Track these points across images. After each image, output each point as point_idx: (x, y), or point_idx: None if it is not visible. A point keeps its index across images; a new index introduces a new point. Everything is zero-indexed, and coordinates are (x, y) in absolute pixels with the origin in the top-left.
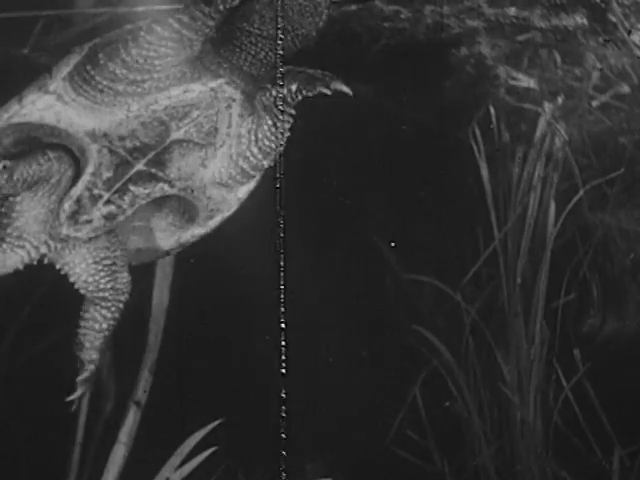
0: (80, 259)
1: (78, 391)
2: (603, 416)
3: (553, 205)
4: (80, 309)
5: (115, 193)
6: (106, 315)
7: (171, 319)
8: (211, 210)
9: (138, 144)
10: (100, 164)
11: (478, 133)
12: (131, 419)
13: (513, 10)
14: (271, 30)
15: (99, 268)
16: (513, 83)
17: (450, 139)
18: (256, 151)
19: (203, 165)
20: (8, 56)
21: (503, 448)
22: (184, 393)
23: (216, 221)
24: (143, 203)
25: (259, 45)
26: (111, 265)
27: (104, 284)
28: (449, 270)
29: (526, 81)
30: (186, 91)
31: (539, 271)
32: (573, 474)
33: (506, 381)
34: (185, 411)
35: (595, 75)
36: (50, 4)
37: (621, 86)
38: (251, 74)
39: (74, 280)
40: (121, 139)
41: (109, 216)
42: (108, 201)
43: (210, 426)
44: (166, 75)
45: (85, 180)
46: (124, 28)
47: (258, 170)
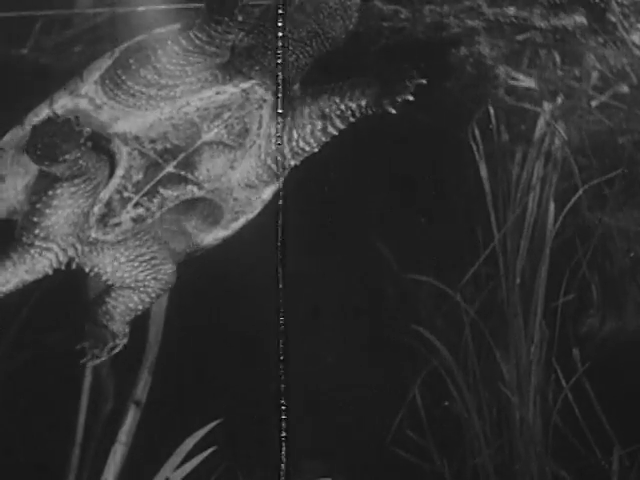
0: (110, 259)
1: (102, 358)
2: (602, 416)
3: (552, 205)
4: (79, 309)
5: (144, 196)
6: (144, 299)
7: (170, 319)
8: (236, 212)
9: (169, 146)
10: (130, 167)
11: (477, 133)
12: (131, 419)
13: (512, 10)
14: (302, 33)
15: (135, 265)
16: (512, 83)
17: (449, 139)
18: (287, 151)
19: (232, 167)
20: (8, 56)
21: (502, 448)
22: (183, 393)
23: (240, 223)
24: (171, 206)
25: (289, 48)
26: (150, 260)
27: (143, 277)
28: (448, 270)
29: (525, 81)
30: (218, 93)
31: (538, 271)
32: (572, 474)
33: (505, 381)
34: (184, 411)
35: (594, 75)
36: (49, 4)
37: (620, 86)
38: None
39: (107, 278)
40: (152, 141)
41: (138, 219)
42: (137, 204)
43: (210, 426)
44: (198, 78)
45: (115, 183)
46: (153, 33)
47: (284, 169)
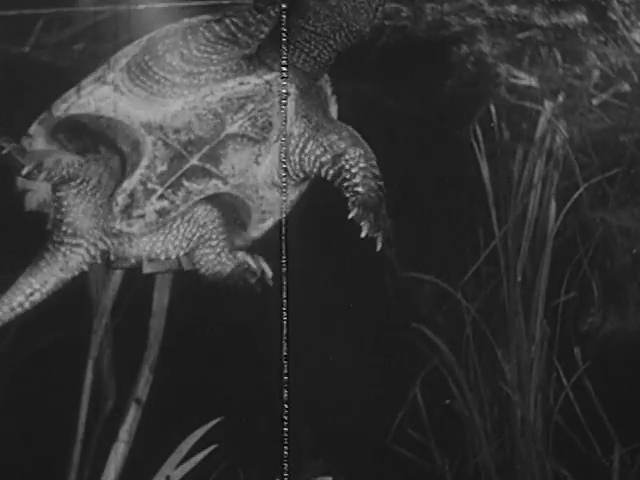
0: (151, 244)
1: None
2: (603, 414)
3: (554, 203)
4: (80, 307)
5: (169, 188)
6: (212, 244)
7: (171, 317)
8: (263, 212)
9: (193, 137)
10: (155, 157)
11: (479, 131)
12: (131, 417)
13: (514, 8)
14: (325, 27)
15: (174, 233)
16: (514, 81)
17: (451, 137)
18: (297, 160)
19: (256, 162)
20: (9, 54)
21: (503, 446)
22: (184, 391)
23: (268, 225)
24: (196, 200)
25: (312, 42)
26: (183, 217)
27: (191, 234)
28: (450, 268)
29: (527, 79)
30: (241, 83)
31: (540, 269)
32: (573, 472)
33: (506, 379)
34: (185, 409)
35: (595, 73)
36: (51, 2)
37: (622, 84)
38: (304, 71)
39: (164, 256)
40: (176, 132)
41: (162, 211)
42: (161, 196)
43: (210, 424)
44: (223, 67)
45: (139, 173)
46: (184, 21)
47: (297, 177)
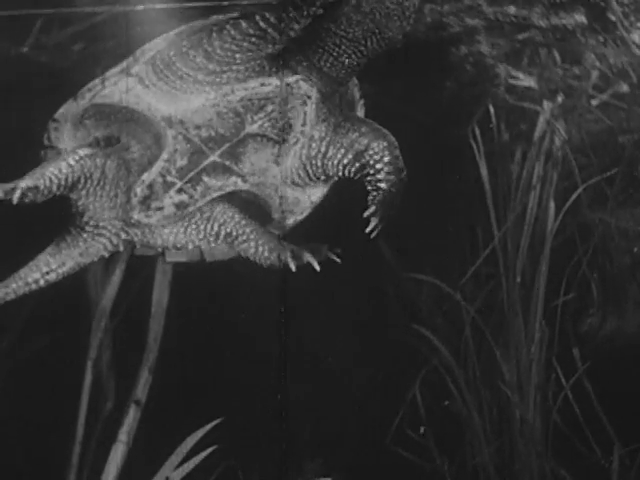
0: (174, 235)
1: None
2: (602, 415)
3: (552, 204)
4: (79, 308)
5: (188, 182)
6: (240, 239)
7: (171, 318)
8: (283, 212)
9: (213, 134)
10: (175, 151)
11: (478, 132)
12: (131, 418)
13: (513, 9)
14: (357, 33)
15: (197, 223)
16: (513, 82)
17: (450, 138)
18: (319, 164)
19: (276, 162)
20: (8, 54)
21: (502, 447)
22: (184, 392)
23: (289, 223)
24: (215, 196)
25: (342, 47)
26: (202, 215)
27: (210, 230)
28: (449, 269)
29: (526, 80)
30: (262, 84)
31: (539, 270)
32: (572, 473)
33: (505, 380)
34: (185, 410)
35: (594, 74)
36: (49, 3)
37: (620, 85)
38: (330, 75)
39: (192, 246)
40: (197, 127)
41: (180, 205)
42: (180, 190)
43: (210, 425)
44: (245, 67)
45: (159, 166)
46: (211, 18)
47: (319, 180)
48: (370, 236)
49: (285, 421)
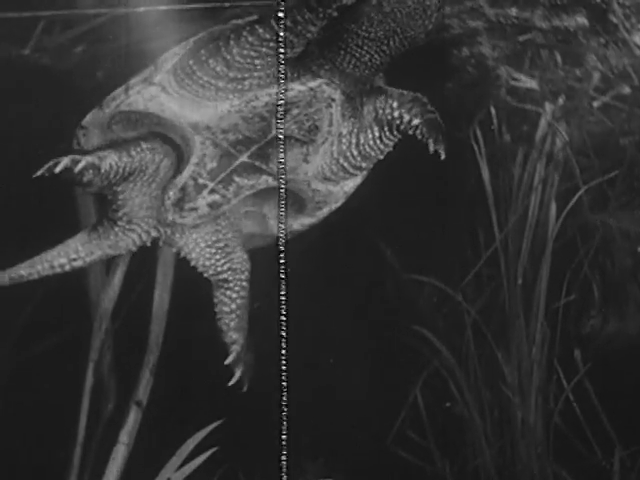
0: (193, 244)
1: (236, 374)
2: (604, 416)
3: (554, 205)
4: (80, 310)
5: (219, 183)
6: (231, 296)
7: (172, 319)
8: (318, 202)
9: (241, 137)
10: (204, 155)
11: (479, 134)
12: (132, 419)
13: (514, 10)
14: (379, 32)
15: (213, 251)
16: (514, 84)
17: (451, 140)
18: (356, 153)
19: (306, 160)
20: (9, 56)
21: (504, 448)
22: (185, 394)
23: (324, 212)
24: (248, 194)
25: (365, 47)
26: (224, 247)
27: (221, 266)
28: (450, 271)
29: (527, 82)
30: (286, 89)
31: (540, 272)
32: (574, 474)
33: (507, 381)
34: (186, 412)
35: (596, 76)
36: (51, 5)
37: (622, 87)
38: (354, 76)
39: (195, 264)
40: (224, 132)
41: (214, 205)
42: (212, 190)
43: (211, 427)
44: (266, 74)
45: (190, 170)
46: (229, 24)
47: (358, 169)
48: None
49: (285, 423)
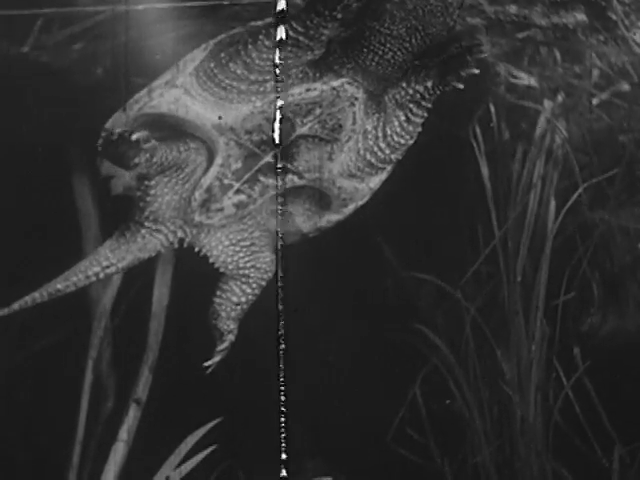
0: (216, 242)
1: (216, 358)
2: (603, 414)
3: (553, 203)
4: (79, 307)
5: (245, 183)
6: (246, 290)
7: (171, 317)
8: (344, 199)
9: (265, 137)
10: (228, 156)
11: (478, 131)
12: (131, 417)
13: (513, 8)
14: (401, 30)
15: (237, 249)
16: (513, 81)
17: (450, 137)
18: (384, 146)
19: (330, 159)
20: (8, 54)
21: (503, 446)
22: (184, 391)
23: (350, 209)
24: (273, 193)
25: (387, 45)
26: (250, 246)
27: (244, 264)
28: (449, 268)
29: (526, 79)
30: (308, 90)
31: (539, 269)
32: (573, 472)
33: (506, 379)
34: (185, 409)
35: (595, 73)
36: (50, 2)
37: (621, 84)
38: (377, 73)
39: (213, 261)
40: (247, 132)
41: (240, 205)
42: (238, 190)
43: (210, 424)
44: (287, 75)
45: (215, 170)
46: (248, 25)
47: (386, 163)
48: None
49: (285, 420)
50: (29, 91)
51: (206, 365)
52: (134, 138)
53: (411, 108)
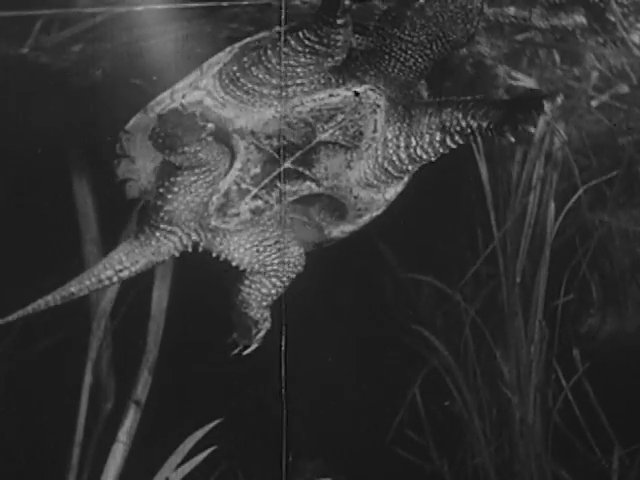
0: (236, 245)
1: (253, 346)
2: (602, 416)
3: (552, 205)
4: (79, 309)
5: (263, 189)
6: (276, 283)
7: (170, 319)
8: (359, 209)
9: (285, 143)
10: (248, 160)
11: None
12: (131, 418)
13: (512, 10)
14: (422, 37)
15: (260, 249)
16: (512, 83)
17: None
18: (404, 157)
19: (349, 167)
20: (7, 55)
21: (502, 447)
22: (184, 393)
23: (365, 220)
24: (290, 200)
25: (408, 52)
26: (274, 244)
27: (271, 261)
28: (449, 270)
29: (525, 81)
30: (331, 95)
31: (538, 271)
32: (572, 473)
33: (505, 380)
34: (185, 411)
35: (594, 75)
36: (49, 3)
37: (620, 86)
38: (399, 80)
39: (237, 264)
40: (268, 137)
41: (256, 210)
42: (255, 196)
43: (209, 426)
44: (310, 80)
45: (233, 174)
46: (273, 30)
47: (403, 173)
48: None
49: (284, 421)
50: (28, 92)
51: (238, 352)
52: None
53: (454, 136)
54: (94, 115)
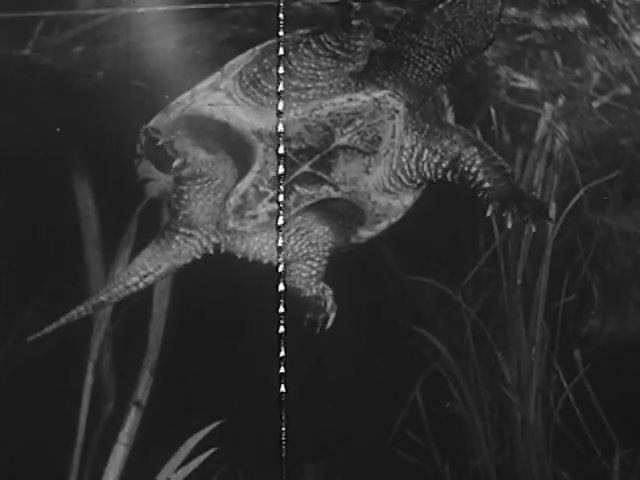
0: (260, 245)
1: (332, 314)
2: (604, 417)
3: (554, 206)
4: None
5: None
6: (312, 265)
7: (171, 320)
8: (377, 215)
9: (303, 146)
10: (266, 162)
11: (479, 134)
12: (132, 420)
13: (514, 11)
14: (440, 42)
15: (284, 242)
16: (514, 84)
17: None
18: (413, 167)
19: (367, 172)
20: (9, 57)
21: (503, 448)
22: (184, 394)
23: (383, 225)
24: (308, 204)
25: (427, 57)
26: (296, 232)
27: (299, 247)
28: (450, 271)
29: (527, 82)
30: (350, 99)
31: (540, 272)
32: (573, 475)
33: (507, 382)
34: (185, 412)
35: (595, 76)
36: (51, 5)
37: (622, 87)
38: (418, 86)
39: (269, 261)
40: (286, 140)
41: (274, 213)
42: (273, 199)
43: (210, 427)
44: (330, 84)
45: (251, 177)
46: (295, 33)
47: (414, 184)
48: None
49: (285, 423)
50: (30, 93)
51: (315, 324)
52: (170, 154)
53: (456, 173)
54: (96, 116)
